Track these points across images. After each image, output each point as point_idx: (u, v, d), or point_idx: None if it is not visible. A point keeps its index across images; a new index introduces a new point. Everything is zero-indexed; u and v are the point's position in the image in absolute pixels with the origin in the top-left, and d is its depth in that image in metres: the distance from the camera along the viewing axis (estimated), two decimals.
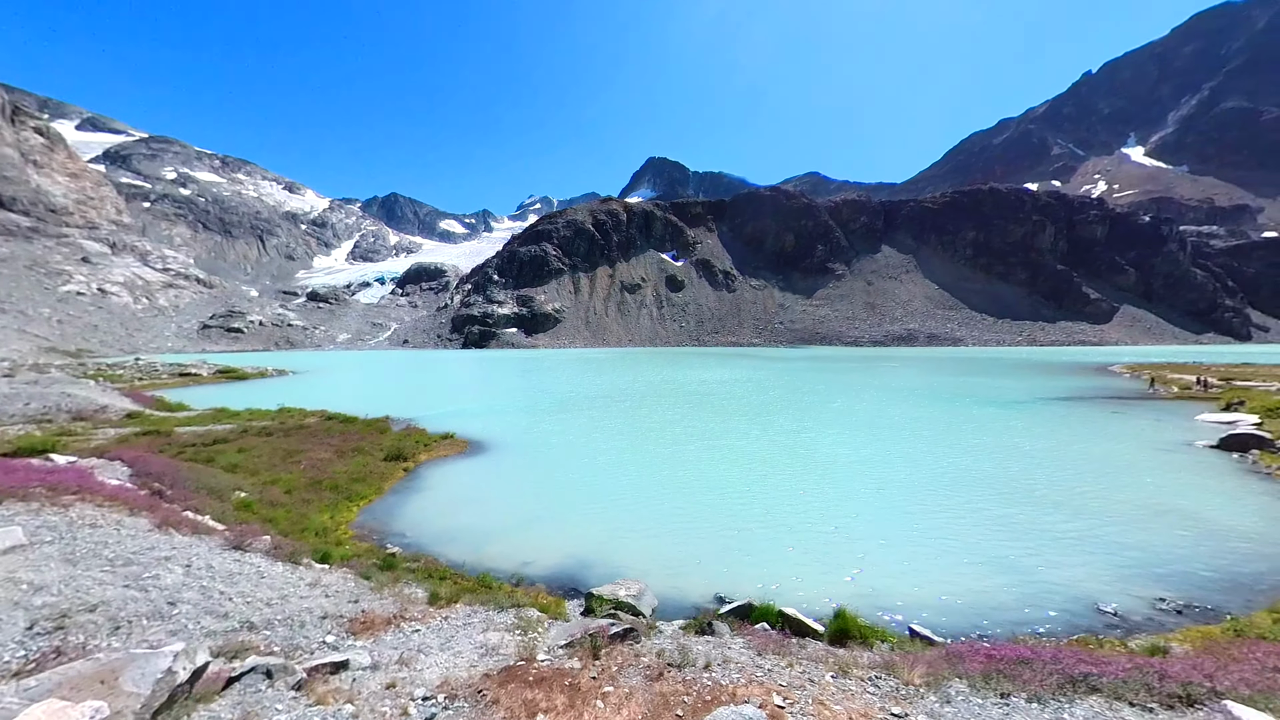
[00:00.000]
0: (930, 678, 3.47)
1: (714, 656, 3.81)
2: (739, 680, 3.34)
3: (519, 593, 9.54)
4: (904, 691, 3.27)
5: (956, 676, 3.55)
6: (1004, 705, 3.10)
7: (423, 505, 15.40)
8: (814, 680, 3.32)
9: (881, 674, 3.61)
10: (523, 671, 3.39)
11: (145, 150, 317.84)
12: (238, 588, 6.63)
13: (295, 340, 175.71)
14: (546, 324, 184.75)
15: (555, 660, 3.68)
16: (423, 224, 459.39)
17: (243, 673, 3.58)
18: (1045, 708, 3.12)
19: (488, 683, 3.38)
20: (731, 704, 2.82)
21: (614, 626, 4.53)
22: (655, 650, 4.04)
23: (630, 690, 3.16)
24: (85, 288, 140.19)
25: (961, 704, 3.07)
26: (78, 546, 6.56)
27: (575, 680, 3.24)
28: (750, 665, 3.59)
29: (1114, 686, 3.47)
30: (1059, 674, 3.63)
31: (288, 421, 26.54)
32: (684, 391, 43.03)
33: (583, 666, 3.43)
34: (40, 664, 4.73)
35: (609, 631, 4.28)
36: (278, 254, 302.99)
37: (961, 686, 3.39)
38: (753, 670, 3.49)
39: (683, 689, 3.15)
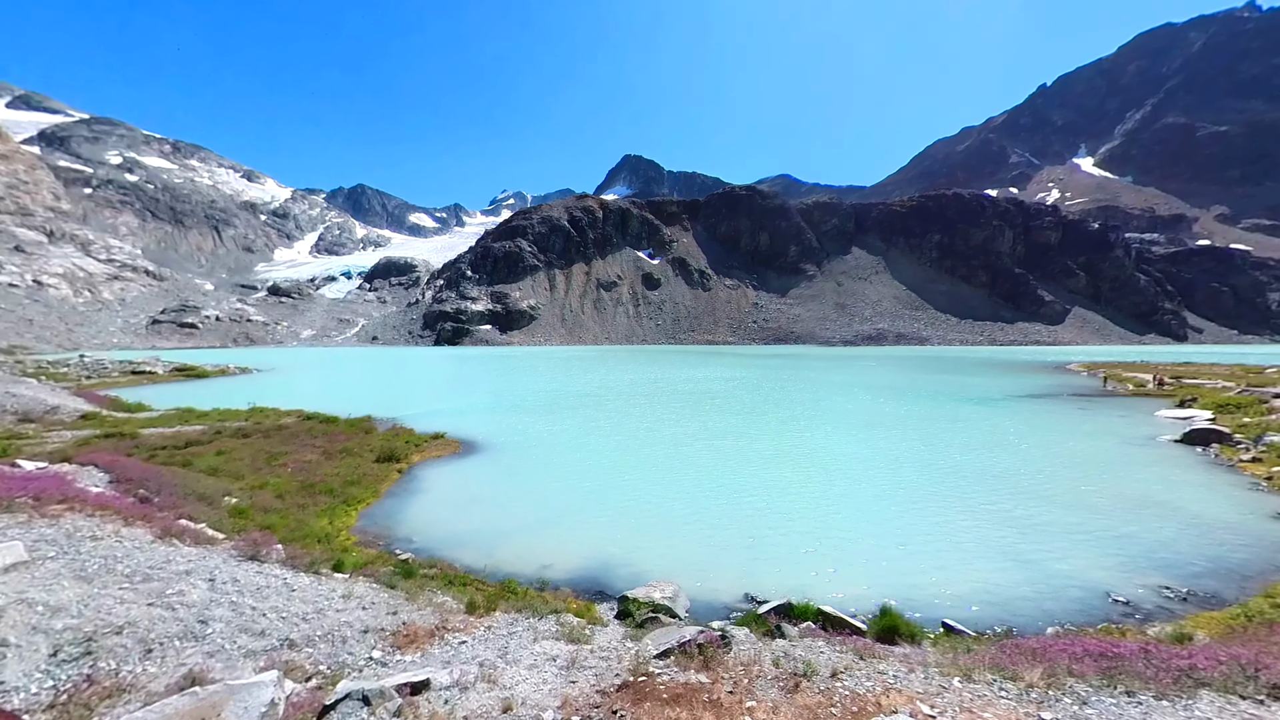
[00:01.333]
0: (1049, 679, 3.49)
1: (833, 662, 3.73)
2: (874, 688, 3.27)
3: (547, 597, 9.29)
4: (1035, 694, 3.27)
5: (1071, 676, 3.59)
6: (1137, 704, 3.15)
7: (424, 508, 14.85)
8: (945, 686, 3.29)
9: (996, 675, 3.62)
10: (649, 687, 3.22)
11: (86, 132, 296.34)
12: (269, 602, 6.18)
13: (255, 336, 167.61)
14: (522, 321, 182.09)
15: (671, 673, 3.51)
16: (391, 217, 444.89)
17: (338, 700, 3.28)
18: (1174, 705, 3.19)
19: (617, 701, 3.19)
20: (880, 715, 2.75)
21: (701, 634, 4.39)
22: (768, 658, 3.93)
23: (774, 704, 3.04)
24: (18, 279, 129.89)
25: (1098, 705, 3.10)
26: (86, 562, 5.98)
27: (712, 695, 3.10)
28: (870, 671, 3.53)
29: (1221, 680, 3.57)
30: (1163, 669, 3.72)
31: (264, 422, 25.22)
32: (672, 390, 43.09)
33: (712, 680, 3.29)
34: (73, 695, 4.27)
35: (712, 640, 4.14)
36: (235, 245, 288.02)
37: (1084, 687, 3.43)
38: (878, 676, 3.44)
39: (824, 700, 3.05)
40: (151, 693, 4.52)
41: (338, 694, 3.27)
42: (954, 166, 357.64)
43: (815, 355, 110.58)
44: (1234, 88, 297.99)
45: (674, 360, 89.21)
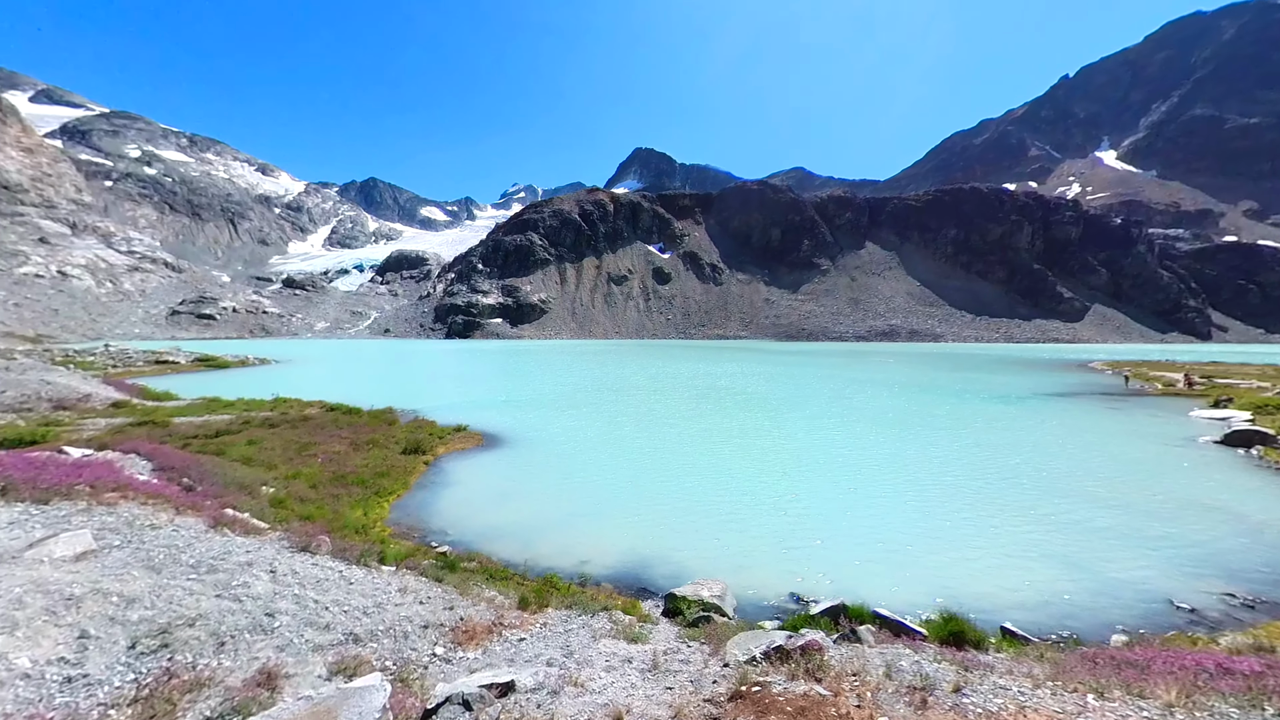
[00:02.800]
0: (1187, 698, 3.27)
1: (941, 674, 3.53)
2: (1007, 706, 3.07)
3: (590, 593, 9.18)
4: (1180, 715, 3.06)
5: (1207, 694, 3.36)
6: None
7: (454, 501, 14.84)
8: (1082, 705, 3.08)
9: (1122, 692, 3.40)
10: (766, 698, 3.06)
11: (106, 126, 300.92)
12: (330, 595, 6.11)
13: (271, 328, 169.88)
14: (532, 314, 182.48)
15: (783, 683, 3.34)
16: (403, 210, 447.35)
17: (439, 704, 3.15)
18: None
19: (736, 714, 3.03)
20: None
21: (792, 639, 4.21)
22: (876, 668, 3.75)
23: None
24: (44, 270, 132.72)
25: None
26: (151, 551, 5.94)
27: (839, 709, 2.92)
28: (990, 685, 3.33)
29: None
30: None
31: (289, 413, 25.44)
32: (690, 385, 42.83)
33: (834, 693, 3.12)
34: (154, 689, 4.20)
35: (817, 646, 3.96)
36: (250, 238, 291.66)
37: (1227, 707, 3.20)
38: (1003, 692, 3.23)
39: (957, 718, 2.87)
40: (229, 687, 4.46)
41: (437, 698, 3.15)
42: (971, 160, 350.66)
43: (829, 351, 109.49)
44: (1265, 78, 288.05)
45: (687, 355, 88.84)
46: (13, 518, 5.85)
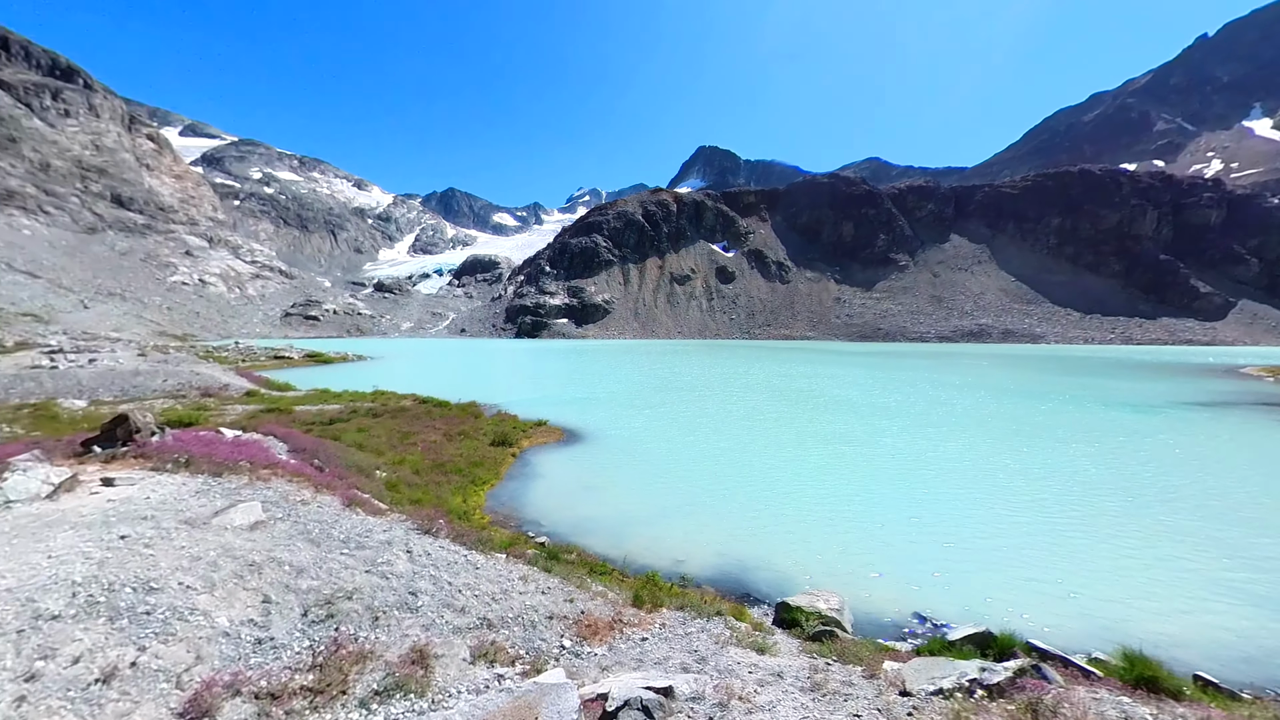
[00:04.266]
0: None
1: None
2: None
3: (695, 595, 8.87)
4: None
5: None
6: None
7: (544, 493, 15.17)
8: None
9: None
10: None
11: (235, 153, 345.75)
12: (461, 579, 6.25)
13: (364, 328, 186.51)
14: (596, 315, 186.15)
15: None
16: (477, 217, 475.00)
17: (618, 708, 2.96)
18: None
19: None
20: None
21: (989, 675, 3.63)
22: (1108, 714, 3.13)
23: None
24: (189, 278, 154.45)
25: None
26: (308, 525, 6.40)
27: None
28: None
29: None
30: None
31: (388, 404, 27.48)
32: (765, 387, 41.46)
33: None
34: (328, 658, 4.40)
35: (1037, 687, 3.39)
36: (347, 247, 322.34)
37: None
38: None
39: None
40: (389, 662, 4.59)
41: (616, 700, 2.95)
42: (1079, 139, 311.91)
43: (909, 353, 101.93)
44: None
45: (755, 356, 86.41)
46: (198, 488, 6.55)
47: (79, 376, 26.52)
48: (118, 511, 5.31)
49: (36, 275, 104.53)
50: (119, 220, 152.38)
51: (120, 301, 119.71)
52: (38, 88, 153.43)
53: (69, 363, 29.30)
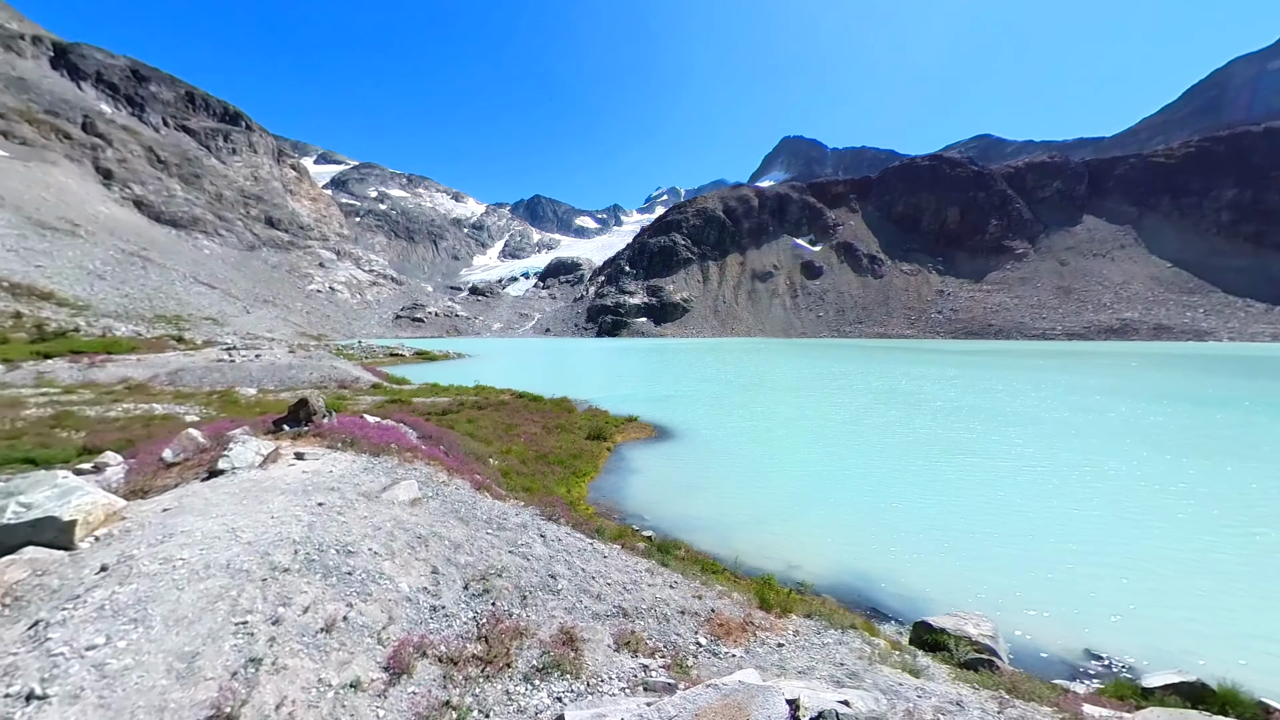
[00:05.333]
0: None
1: None
2: None
3: (817, 603, 8.36)
4: None
5: None
6: None
7: (643, 487, 15.30)
8: None
9: None
10: None
11: (356, 175, 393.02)
12: (592, 566, 6.36)
13: (461, 328, 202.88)
14: (675, 313, 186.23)
15: None
16: (561, 222, 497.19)
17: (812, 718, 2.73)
18: None
19: None
20: None
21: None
22: None
23: None
24: (322, 286, 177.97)
25: None
26: (454, 505, 6.90)
27: None
28: None
29: None
30: None
31: (490, 397, 29.45)
32: (865, 388, 38.79)
33: None
34: (491, 631, 4.64)
35: None
36: (447, 254, 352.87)
37: None
38: None
39: None
40: (542, 640, 4.75)
41: (810, 710, 2.73)
42: (1268, 92, 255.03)
43: (1031, 352, 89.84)
44: None
45: (849, 355, 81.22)
46: (364, 465, 7.35)
47: (249, 369, 31.55)
48: (311, 482, 6.09)
49: (214, 286, 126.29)
50: (271, 239, 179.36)
51: (271, 307, 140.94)
52: (213, 132, 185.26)
53: (241, 358, 35.03)
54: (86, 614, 3.45)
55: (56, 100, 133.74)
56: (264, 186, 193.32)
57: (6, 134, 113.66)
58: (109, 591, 3.69)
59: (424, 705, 3.54)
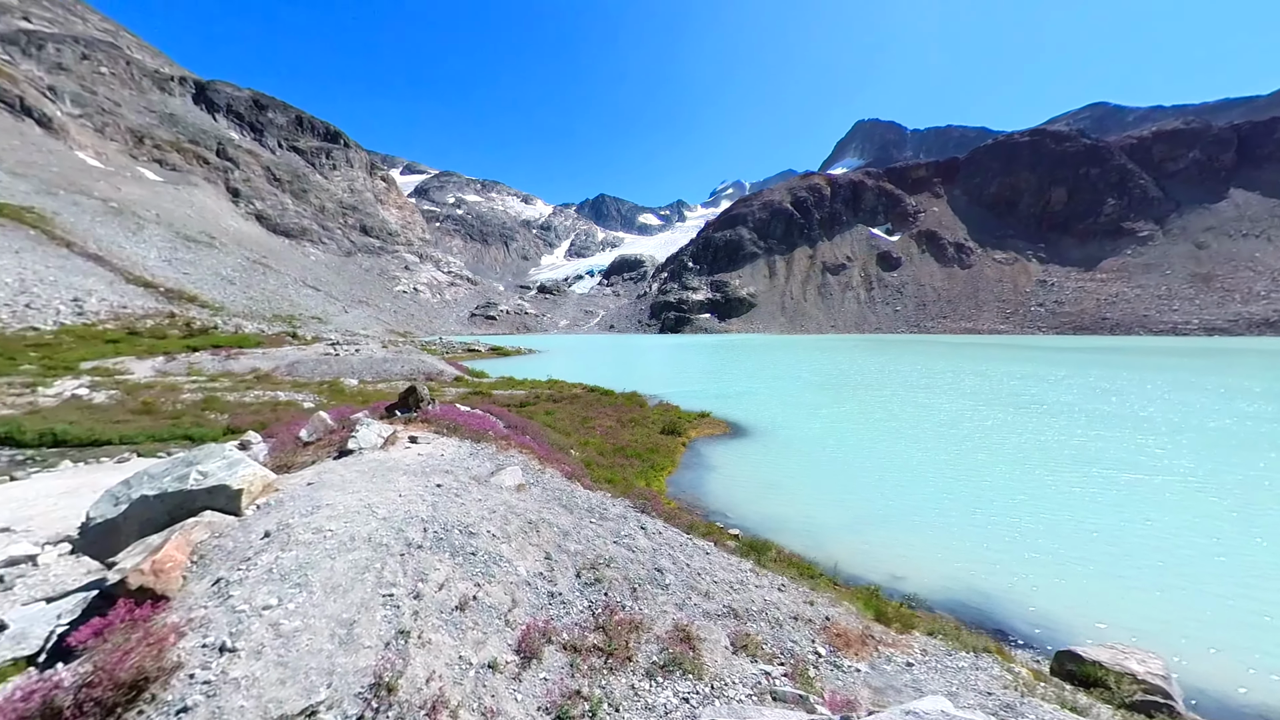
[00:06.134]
0: None
1: None
2: None
3: (940, 621, 7.59)
4: None
5: None
6: None
7: (722, 485, 14.91)
8: None
9: None
10: None
11: (436, 183, 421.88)
12: (696, 562, 6.13)
13: (530, 325, 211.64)
14: (740, 309, 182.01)
15: None
16: (624, 219, 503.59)
17: None
18: None
19: None
20: None
21: None
22: None
23: None
24: (407, 287, 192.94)
25: None
26: (555, 492, 6.97)
27: None
28: None
29: None
30: None
31: (563, 391, 30.25)
32: (958, 388, 35.67)
33: None
34: (607, 621, 4.55)
35: None
36: (517, 255, 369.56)
37: None
38: None
39: None
40: (659, 636, 4.58)
41: None
42: None
43: (1163, 349, 77.92)
44: None
45: (934, 352, 75.16)
46: (469, 451, 7.66)
47: (351, 362, 34.73)
48: (427, 464, 6.40)
49: (318, 289, 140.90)
50: (365, 245, 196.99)
51: (365, 307, 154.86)
52: (317, 150, 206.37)
53: (344, 352, 38.68)
54: (258, 576, 3.73)
55: (196, 130, 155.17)
56: (359, 197, 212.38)
57: (161, 162, 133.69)
58: (274, 556, 3.98)
59: (557, 693, 3.48)
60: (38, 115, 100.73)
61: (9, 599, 4.87)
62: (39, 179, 75.96)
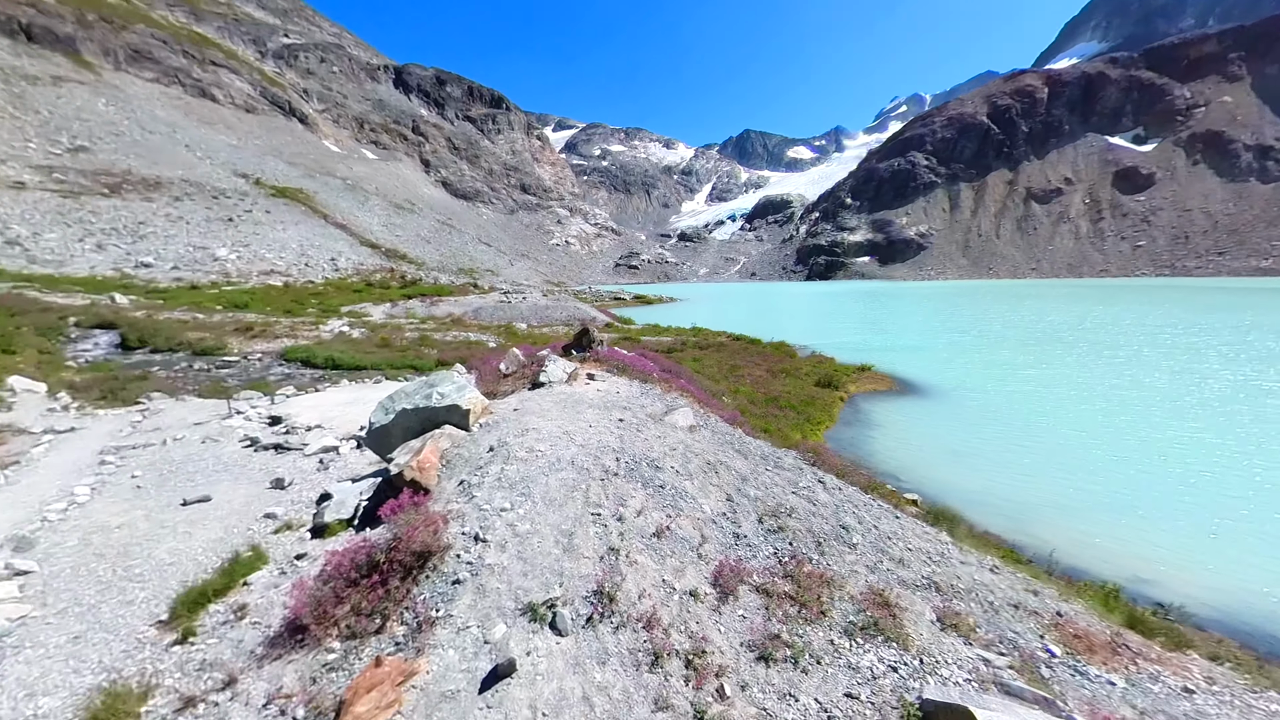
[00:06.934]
0: None
1: None
2: None
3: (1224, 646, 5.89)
4: None
5: None
6: None
7: (891, 446, 13.47)
8: None
9: None
10: None
11: (584, 137, 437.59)
12: (885, 525, 5.56)
13: (670, 274, 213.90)
14: (908, 251, 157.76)
15: None
16: (771, 156, 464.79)
17: None
18: None
19: None
20: None
21: None
22: None
23: None
24: (559, 240, 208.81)
25: None
26: (727, 437, 6.93)
27: None
28: None
29: None
30: None
31: (708, 339, 30.15)
32: (1254, 350, 26.63)
33: None
34: (795, 572, 4.38)
35: None
36: (657, 203, 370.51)
37: None
38: None
39: None
40: (852, 595, 4.27)
41: None
42: None
43: None
44: None
45: (1201, 301, 56.59)
46: (640, 390, 8.02)
47: (520, 308, 39.31)
48: (606, 400, 6.83)
49: (490, 245, 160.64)
50: (524, 202, 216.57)
51: (526, 260, 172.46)
52: (485, 117, 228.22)
53: (514, 300, 43.94)
54: (491, 482, 4.34)
55: (397, 112, 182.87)
56: (518, 158, 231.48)
57: (376, 143, 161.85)
58: (499, 468, 4.59)
59: (757, 632, 3.46)
60: (300, 115, 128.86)
61: (327, 477, 6.61)
62: (303, 166, 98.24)
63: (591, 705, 2.62)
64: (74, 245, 36.69)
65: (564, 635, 2.94)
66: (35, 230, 36.49)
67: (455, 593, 3.23)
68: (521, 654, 2.75)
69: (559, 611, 3.04)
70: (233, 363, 16.19)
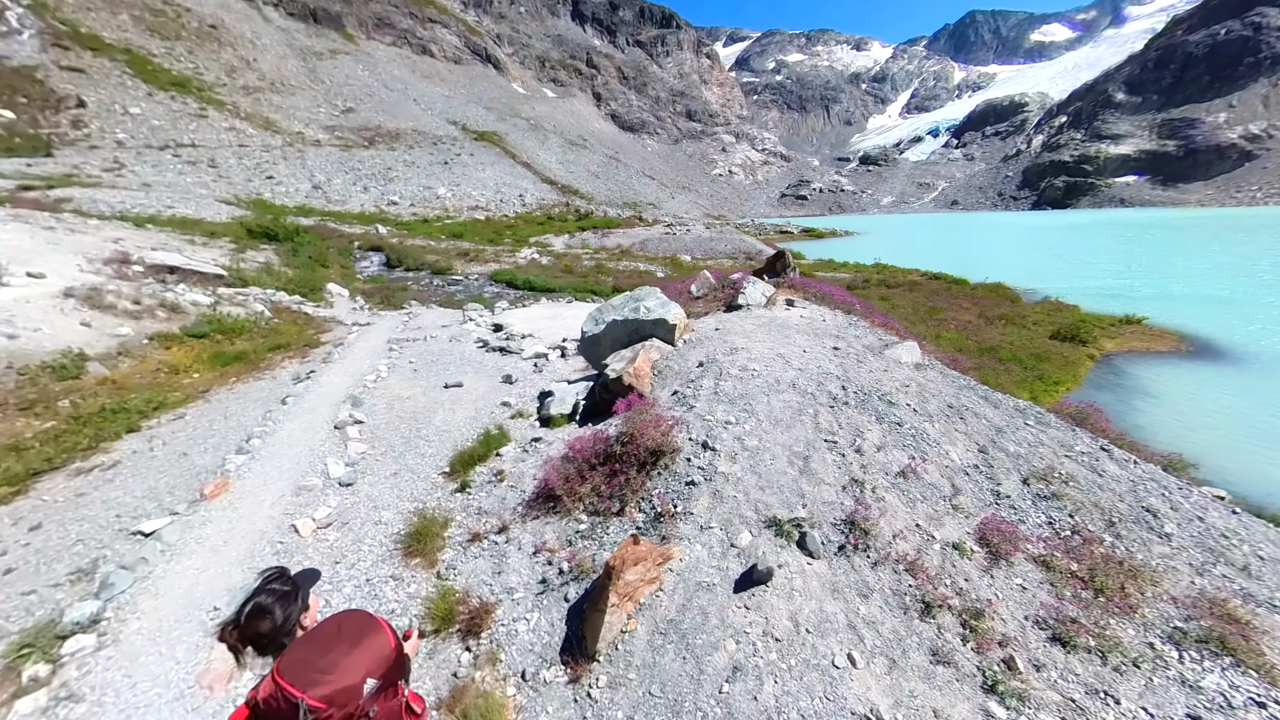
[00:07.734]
0: None
1: None
2: None
3: None
4: None
5: None
6: None
7: (1173, 420, 10.14)
8: None
9: None
10: None
11: (757, 49, 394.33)
12: (1212, 519, 4.10)
13: (844, 205, 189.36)
14: (1216, 165, 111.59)
15: None
16: (1004, 45, 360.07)
17: None
18: None
19: None
20: None
21: None
22: None
23: None
24: (722, 170, 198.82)
25: None
26: (959, 380, 5.79)
27: None
28: None
29: None
30: None
31: (896, 276, 26.20)
32: None
33: None
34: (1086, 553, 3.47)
35: None
36: (838, 121, 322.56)
37: None
38: None
39: None
40: (1173, 597, 3.22)
41: None
42: None
43: None
44: None
45: None
46: (844, 320, 7.17)
47: (684, 240, 39.05)
48: (813, 327, 6.23)
49: (653, 178, 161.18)
50: (689, 130, 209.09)
51: (687, 192, 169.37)
52: (654, 39, 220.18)
53: (678, 232, 43.79)
54: (707, 395, 4.24)
55: (574, 46, 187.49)
56: (686, 81, 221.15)
57: (555, 80, 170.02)
58: (713, 383, 4.45)
59: (1048, 610, 2.80)
60: (494, 60, 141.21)
61: (542, 378, 7.46)
62: (497, 110, 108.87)
63: (859, 636, 2.40)
64: (350, 188, 47.34)
65: (815, 558, 2.74)
66: (329, 177, 47.82)
67: (690, 493, 3.25)
68: (775, 565, 2.64)
69: (808, 533, 2.83)
70: (458, 280, 19.47)
